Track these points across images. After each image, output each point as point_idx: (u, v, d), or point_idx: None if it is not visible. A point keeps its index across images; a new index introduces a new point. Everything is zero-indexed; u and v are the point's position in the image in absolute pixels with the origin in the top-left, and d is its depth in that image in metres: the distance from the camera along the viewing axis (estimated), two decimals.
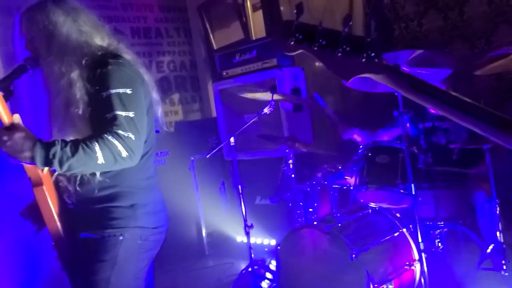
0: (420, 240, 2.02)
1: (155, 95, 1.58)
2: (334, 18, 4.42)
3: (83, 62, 1.43)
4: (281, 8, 4.74)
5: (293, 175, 2.68)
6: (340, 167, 2.45)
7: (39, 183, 1.38)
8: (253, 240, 2.64)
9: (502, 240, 2.18)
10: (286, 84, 3.45)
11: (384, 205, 2.35)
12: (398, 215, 2.41)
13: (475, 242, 2.37)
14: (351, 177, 2.39)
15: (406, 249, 2.25)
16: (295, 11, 0.88)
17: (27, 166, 1.36)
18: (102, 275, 1.43)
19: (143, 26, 5.26)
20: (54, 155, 1.28)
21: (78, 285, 1.52)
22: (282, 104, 3.40)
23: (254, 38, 5.17)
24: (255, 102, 2.91)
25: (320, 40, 0.85)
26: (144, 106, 1.46)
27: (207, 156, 2.77)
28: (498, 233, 2.19)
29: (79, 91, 1.41)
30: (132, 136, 1.35)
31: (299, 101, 2.82)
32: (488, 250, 2.22)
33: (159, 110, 1.61)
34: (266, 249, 3.42)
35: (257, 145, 3.45)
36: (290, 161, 2.68)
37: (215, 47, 5.58)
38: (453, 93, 0.82)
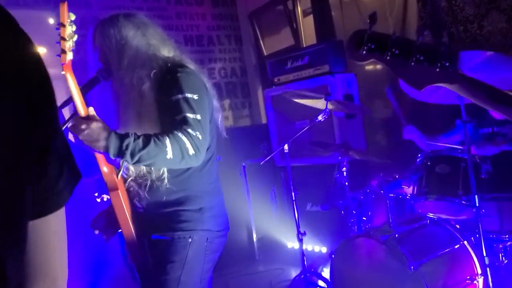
0: (484, 254, 1.92)
1: (216, 103, 1.65)
2: (387, 23, 4.34)
3: (152, 74, 1.50)
4: (332, 13, 4.71)
5: (346, 183, 2.64)
6: (397, 176, 2.39)
7: (115, 188, 1.44)
8: (304, 246, 2.63)
9: None
10: (339, 91, 3.42)
11: (443, 216, 2.27)
12: (457, 226, 2.32)
13: None
14: (409, 187, 2.32)
15: (468, 263, 2.15)
16: (367, 20, 0.88)
17: (104, 172, 1.43)
18: (173, 274, 1.49)
19: (196, 34, 5.40)
20: (127, 146, 1.32)
21: (149, 285, 1.58)
22: (334, 111, 3.37)
23: (304, 44, 5.19)
24: (307, 108, 2.90)
25: (393, 49, 0.83)
26: (208, 112, 1.52)
27: (261, 163, 2.79)
28: None
29: (150, 102, 1.48)
30: (200, 136, 1.41)
31: (352, 109, 2.78)
32: None
33: (219, 117, 1.67)
34: (316, 256, 3.39)
35: (308, 152, 3.43)
36: (344, 168, 2.64)
37: (265, 53, 5.63)
38: None
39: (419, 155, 2.27)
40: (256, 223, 3.87)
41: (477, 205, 1.88)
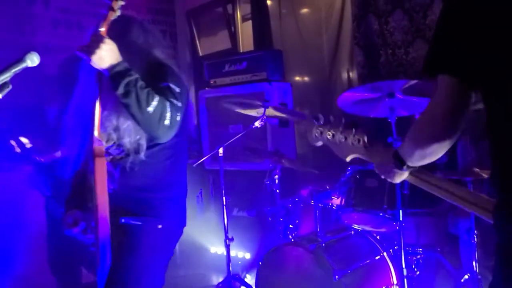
0: (403, 265, 2.04)
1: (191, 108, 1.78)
2: (321, 39, 4.49)
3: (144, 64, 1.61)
4: (271, 22, 4.77)
5: (277, 190, 2.67)
6: (328, 187, 2.46)
7: (102, 154, 1.50)
8: None
9: (477, 270, 2.24)
10: (275, 98, 3.46)
11: (367, 228, 2.38)
12: (378, 237, 2.44)
13: (450, 270, 2.43)
14: (338, 198, 2.40)
15: (386, 273, 2.28)
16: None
17: (95, 137, 1.49)
18: (141, 259, 1.55)
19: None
20: (129, 75, 1.45)
21: (117, 266, 1.54)
22: (269, 118, 3.40)
23: (241, 49, 5.20)
24: (242, 113, 2.90)
25: None
26: (185, 109, 1.61)
27: (194, 165, 2.72)
28: (474, 263, 2.25)
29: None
30: (178, 117, 1.53)
31: (296, 116, 2.81)
32: (463, 280, 2.28)
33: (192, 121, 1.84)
34: (239, 262, 3.38)
35: (240, 157, 3.42)
36: (276, 176, 2.67)
37: (200, 53, 5.56)
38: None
39: (349, 167, 2.36)
40: None
41: (401, 219, 2.00)
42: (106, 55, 1.44)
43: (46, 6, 4.53)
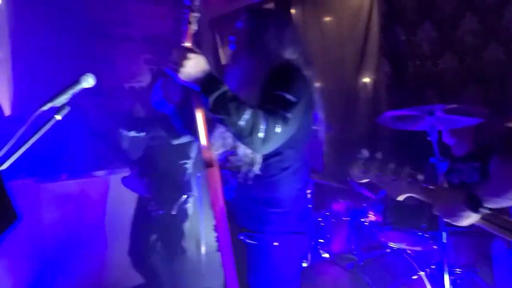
0: (446, 287, 2.01)
1: (321, 115, 1.75)
2: (343, 49, 4.45)
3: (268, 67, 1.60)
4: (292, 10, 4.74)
5: (310, 205, 2.66)
6: (365, 204, 2.44)
7: (212, 164, 1.48)
8: None
9: None
10: None
11: (403, 246, 2.35)
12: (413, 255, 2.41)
13: None
14: (374, 214, 2.38)
15: None
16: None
17: (203, 147, 1.48)
18: (261, 278, 1.54)
19: (154, 34, 5.21)
20: (217, 89, 1.42)
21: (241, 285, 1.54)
22: None
23: None
24: None
25: None
26: (298, 121, 1.55)
27: None
28: None
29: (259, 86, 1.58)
30: (278, 129, 1.45)
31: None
32: None
33: (321, 130, 1.78)
34: None
35: None
36: (309, 190, 2.66)
37: (222, 62, 5.58)
38: None
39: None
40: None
41: (445, 241, 1.97)
42: (192, 71, 1.42)
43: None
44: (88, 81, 1.53)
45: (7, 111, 4.04)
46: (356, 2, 4.31)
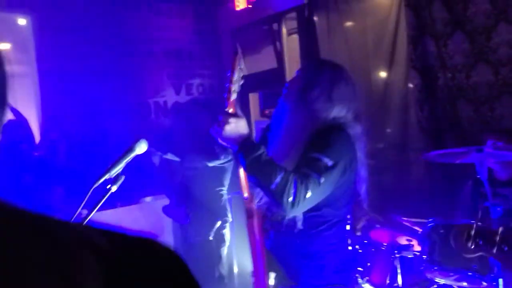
0: None
1: (363, 172, 1.73)
2: (368, 60, 4.36)
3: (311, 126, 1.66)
4: (319, 38, 4.69)
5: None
6: (411, 241, 2.40)
7: (252, 216, 1.59)
8: None
9: None
10: None
11: (450, 282, 2.31)
12: None
13: None
14: (419, 247, 2.34)
15: None
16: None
17: (245, 198, 1.60)
18: None
19: (175, 48, 5.20)
20: (253, 152, 1.51)
21: None
22: None
23: (288, 68, 5.15)
24: None
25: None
26: (340, 179, 1.60)
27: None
28: None
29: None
30: (309, 194, 1.50)
31: None
32: None
33: (363, 188, 1.76)
34: None
35: None
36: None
37: (246, 72, 5.54)
38: None
39: (431, 219, 2.29)
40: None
41: None
42: (231, 135, 1.55)
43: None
44: (141, 147, 1.53)
45: (35, 126, 4.10)
46: (382, 11, 4.23)
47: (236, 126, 1.55)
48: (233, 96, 1.59)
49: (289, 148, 1.69)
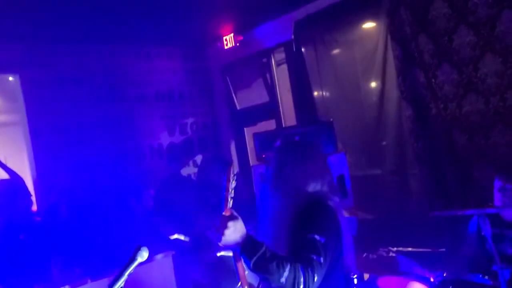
0: None
1: (348, 238, 1.76)
2: (359, 91, 4.39)
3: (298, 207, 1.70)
4: (307, 67, 4.71)
5: None
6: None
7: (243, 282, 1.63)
8: None
9: None
10: (333, 173, 3.41)
11: None
12: None
13: None
14: None
15: None
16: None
17: (240, 266, 1.61)
18: None
19: (167, 89, 5.22)
20: (255, 253, 1.53)
21: None
22: None
23: (280, 100, 5.18)
24: None
25: None
26: (336, 250, 1.65)
27: None
28: None
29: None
30: (316, 277, 1.55)
31: None
32: None
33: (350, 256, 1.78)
34: None
35: None
36: None
37: (238, 107, 5.56)
38: None
39: (442, 273, 2.28)
40: None
41: None
42: (230, 238, 1.55)
43: None
44: (143, 256, 1.52)
45: (29, 181, 4.06)
46: (369, 43, 4.27)
47: (235, 229, 1.55)
48: (230, 204, 1.61)
49: (278, 228, 1.74)
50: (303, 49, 4.85)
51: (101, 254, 3.57)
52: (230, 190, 1.61)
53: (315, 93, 4.71)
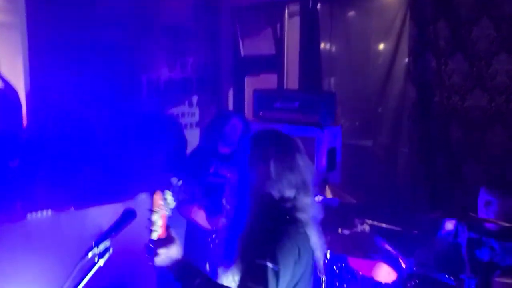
0: None
1: (319, 253, 1.57)
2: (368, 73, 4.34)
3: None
4: (320, 24, 4.59)
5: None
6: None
7: None
8: None
9: None
10: (324, 145, 3.45)
11: None
12: None
13: None
14: None
15: None
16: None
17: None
18: None
19: (173, 23, 5.03)
20: (190, 283, 1.40)
21: None
22: None
23: (286, 54, 5.05)
24: None
25: None
26: (291, 280, 1.45)
27: None
28: None
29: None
30: None
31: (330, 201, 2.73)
32: None
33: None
34: None
35: None
36: None
37: (242, 54, 5.42)
38: None
39: (413, 263, 2.36)
40: None
41: None
42: (162, 263, 1.44)
43: None
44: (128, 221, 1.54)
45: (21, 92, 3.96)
46: (387, 14, 4.16)
47: (166, 256, 1.44)
48: (153, 236, 1.45)
49: (240, 242, 1.52)
50: (318, 6, 4.69)
51: (86, 183, 3.60)
52: (154, 222, 1.45)
53: (323, 53, 4.62)
